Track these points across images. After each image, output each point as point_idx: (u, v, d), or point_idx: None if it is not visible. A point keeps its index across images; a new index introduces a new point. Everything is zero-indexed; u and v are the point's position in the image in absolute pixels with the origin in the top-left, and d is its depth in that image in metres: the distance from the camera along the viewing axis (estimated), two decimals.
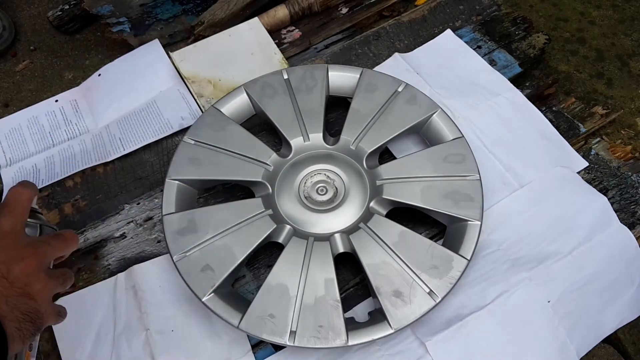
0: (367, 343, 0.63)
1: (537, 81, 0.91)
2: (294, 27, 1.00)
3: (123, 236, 0.79)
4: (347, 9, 1.02)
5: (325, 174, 0.77)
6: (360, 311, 0.70)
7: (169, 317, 0.70)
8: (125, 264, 0.76)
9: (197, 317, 0.69)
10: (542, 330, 0.67)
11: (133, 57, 0.95)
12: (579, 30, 1.04)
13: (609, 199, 0.75)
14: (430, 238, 0.73)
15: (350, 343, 0.62)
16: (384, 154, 0.83)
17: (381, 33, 0.95)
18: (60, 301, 0.72)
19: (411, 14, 0.97)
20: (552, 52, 1.01)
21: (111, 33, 1.00)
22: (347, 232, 0.71)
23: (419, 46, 0.93)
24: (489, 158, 0.79)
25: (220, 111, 0.80)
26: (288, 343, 0.62)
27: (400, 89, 0.80)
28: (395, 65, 0.90)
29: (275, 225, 0.70)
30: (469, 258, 0.67)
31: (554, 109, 0.87)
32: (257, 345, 0.68)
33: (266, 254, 0.76)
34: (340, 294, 0.65)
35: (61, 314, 0.51)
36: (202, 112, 0.86)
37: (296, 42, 0.98)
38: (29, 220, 0.52)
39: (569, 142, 0.82)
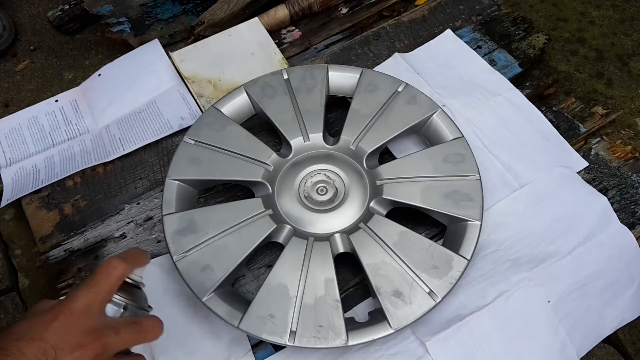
0: (367, 343, 0.63)
1: (537, 81, 0.91)
2: (294, 27, 1.00)
3: (123, 236, 0.79)
4: (347, 9, 1.02)
5: (325, 174, 0.77)
6: (360, 311, 0.70)
7: (169, 317, 0.69)
8: None
9: (197, 317, 0.69)
10: (542, 330, 0.67)
11: (133, 57, 0.95)
12: (579, 30, 1.04)
13: (609, 199, 0.75)
14: (430, 238, 0.73)
15: (350, 343, 0.62)
16: (384, 154, 0.83)
17: (381, 33, 0.95)
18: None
19: (411, 14, 0.97)
20: (552, 52, 1.00)
21: (111, 33, 1.00)
22: (347, 232, 0.71)
23: (419, 46, 0.93)
24: (489, 158, 0.79)
25: (220, 111, 0.80)
26: (288, 343, 0.62)
27: (400, 89, 0.80)
28: (395, 65, 0.90)
29: (275, 225, 0.70)
30: (469, 258, 0.67)
31: (554, 109, 0.87)
32: (257, 345, 0.68)
33: (266, 254, 0.76)
34: (340, 294, 0.65)
35: None
36: (202, 112, 0.86)
37: (296, 42, 0.98)
38: (116, 296, 0.47)
39: (569, 142, 0.82)
